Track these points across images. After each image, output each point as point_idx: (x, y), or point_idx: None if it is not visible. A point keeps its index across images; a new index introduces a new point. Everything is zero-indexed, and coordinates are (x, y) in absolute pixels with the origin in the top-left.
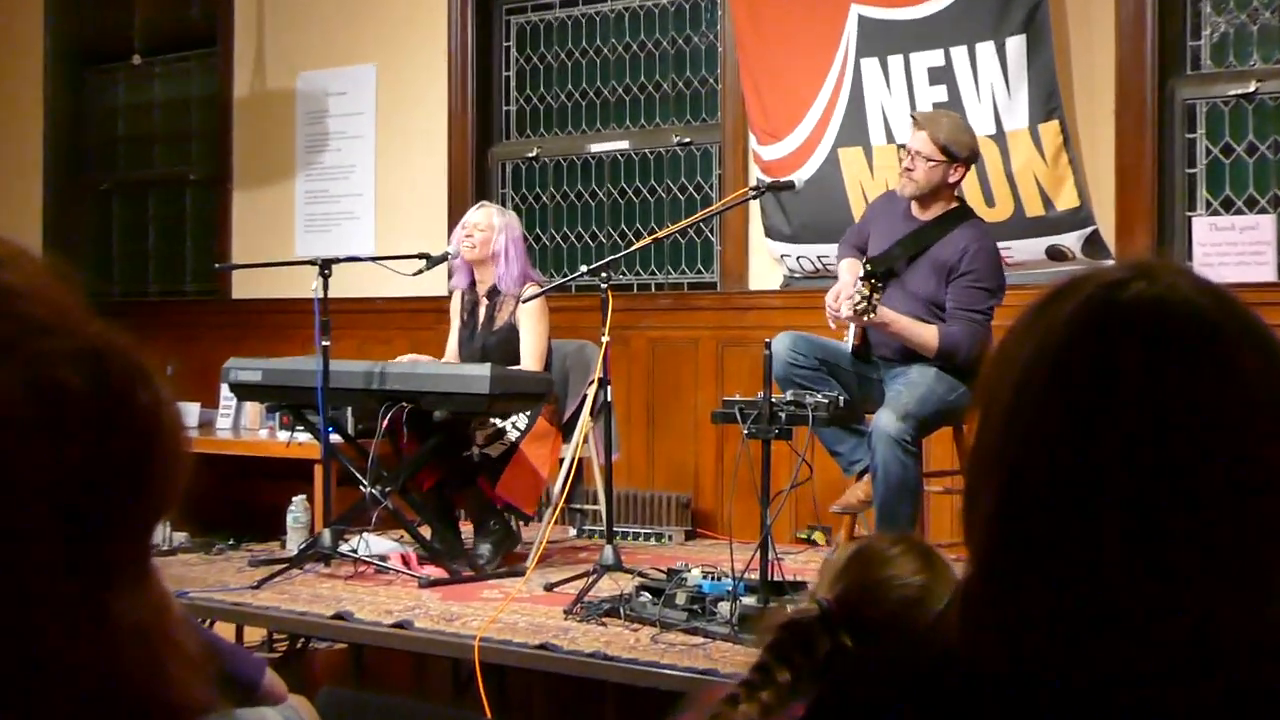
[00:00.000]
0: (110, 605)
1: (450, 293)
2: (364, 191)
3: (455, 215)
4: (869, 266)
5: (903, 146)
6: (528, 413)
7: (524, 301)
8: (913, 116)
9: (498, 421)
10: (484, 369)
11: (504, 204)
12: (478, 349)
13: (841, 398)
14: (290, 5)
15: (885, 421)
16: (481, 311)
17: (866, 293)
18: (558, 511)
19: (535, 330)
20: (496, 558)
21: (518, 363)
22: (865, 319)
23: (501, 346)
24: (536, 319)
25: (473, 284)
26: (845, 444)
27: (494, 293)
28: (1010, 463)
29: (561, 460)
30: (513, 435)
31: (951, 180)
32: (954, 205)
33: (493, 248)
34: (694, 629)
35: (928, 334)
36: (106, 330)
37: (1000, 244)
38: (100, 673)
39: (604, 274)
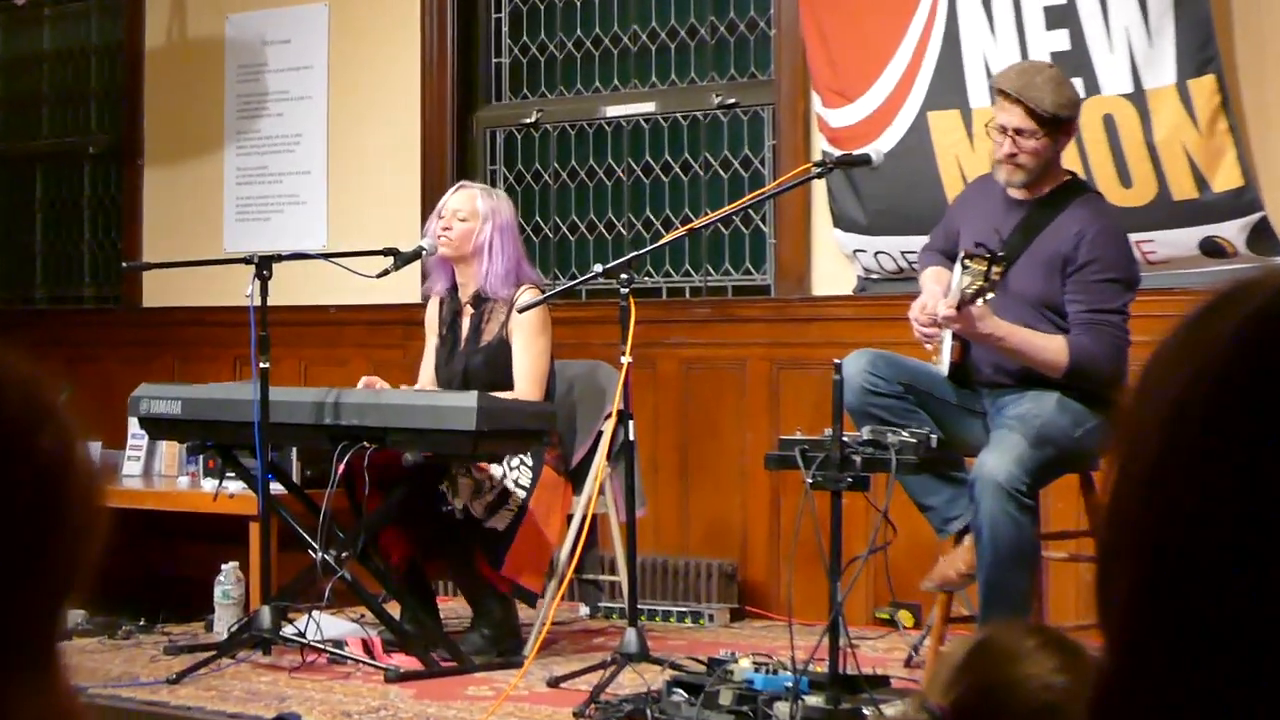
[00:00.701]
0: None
1: (425, 300)
2: (313, 169)
3: (431, 200)
4: (969, 261)
5: (990, 126)
6: (529, 462)
7: (519, 310)
8: (993, 87)
9: (494, 471)
10: (468, 398)
11: (492, 183)
12: (459, 371)
13: (934, 435)
14: None
15: (992, 466)
16: (465, 324)
17: (983, 269)
18: (565, 584)
19: (533, 347)
20: (493, 650)
21: (510, 388)
22: (979, 303)
23: (490, 368)
24: (535, 333)
25: (454, 289)
26: (939, 496)
27: (480, 299)
28: (1158, 523)
29: (570, 518)
30: (519, 496)
31: (1062, 145)
32: (1064, 179)
33: (476, 241)
34: None
35: (1052, 347)
36: None
37: (1140, 235)
38: None
39: (623, 275)
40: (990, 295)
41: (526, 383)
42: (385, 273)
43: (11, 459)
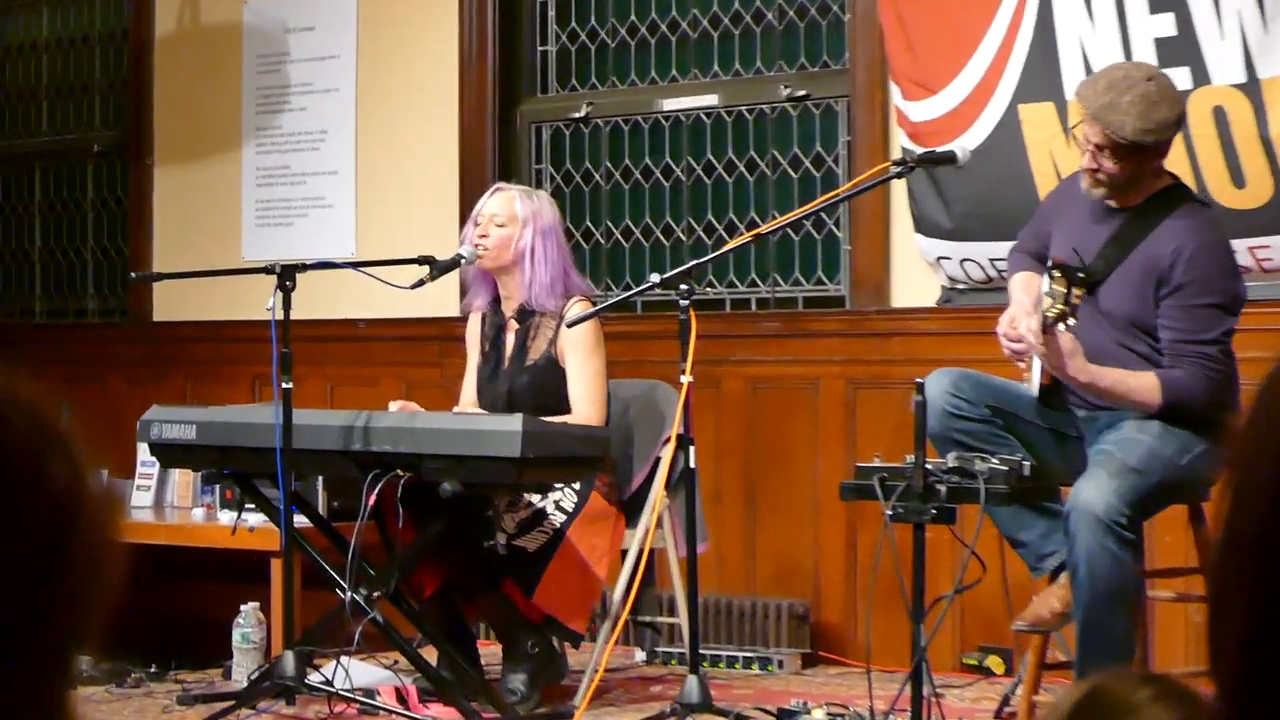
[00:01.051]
0: None
1: (465, 315)
2: (340, 169)
3: (471, 202)
4: (1057, 272)
5: (1074, 131)
6: (575, 485)
7: (568, 325)
8: (1077, 95)
9: (534, 499)
10: (513, 422)
11: (537, 184)
12: (503, 393)
13: (1026, 463)
14: None
15: (1089, 496)
16: (509, 340)
17: (1063, 289)
18: (620, 627)
19: (586, 366)
20: (534, 693)
21: (561, 411)
22: (1064, 333)
23: (537, 389)
24: (588, 350)
25: (497, 302)
26: (1032, 530)
27: (525, 313)
28: (1274, 567)
29: (624, 554)
30: (557, 519)
31: (1157, 164)
32: (1163, 183)
33: (516, 248)
34: None
35: (1145, 386)
36: (2, 375)
37: (1254, 240)
38: None
39: (683, 285)
40: (1072, 321)
41: (587, 404)
42: (420, 283)
43: (17, 490)
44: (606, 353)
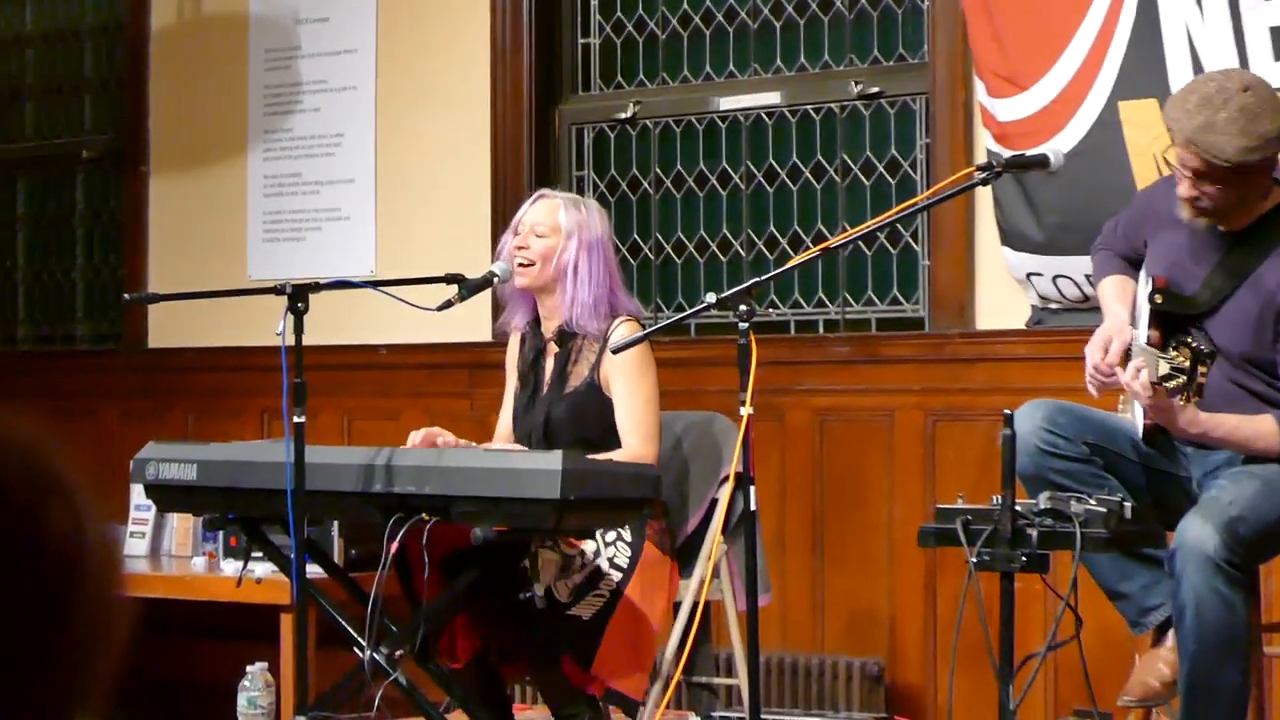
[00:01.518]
0: None
1: (500, 338)
2: (357, 176)
3: (504, 214)
4: (1159, 298)
5: (1168, 157)
6: (627, 537)
7: (612, 351)
8: (1166, 116)
9: (587, 554)
10: (551, 460)
11: (579, 192)
12: (539, 423)
13: (1127, 504)
14: None
15: (1197, 533)
16: (549, 365)
17: (1185, 362)
18: (673, 689)
19: (635, 394)
20: None
21: (605, 445)
22: (1181, 402)
23: (576, 419)
24: (637, 376)
25: (536, 322)
26: (1134, 580)
27: (566, 335)
28: None
29: (677, 606)
30: (614, 578)
31: (1265, 182)
32: (1273, 201)
33: (559, 263)
34: None
35: (1263, 432)
36: None
37: None
38: None
39: (742, 306)
40: (1196, 400)
41: (637, 438)
42: (449, 304)
43: (13, 539)
44: (660, 382)
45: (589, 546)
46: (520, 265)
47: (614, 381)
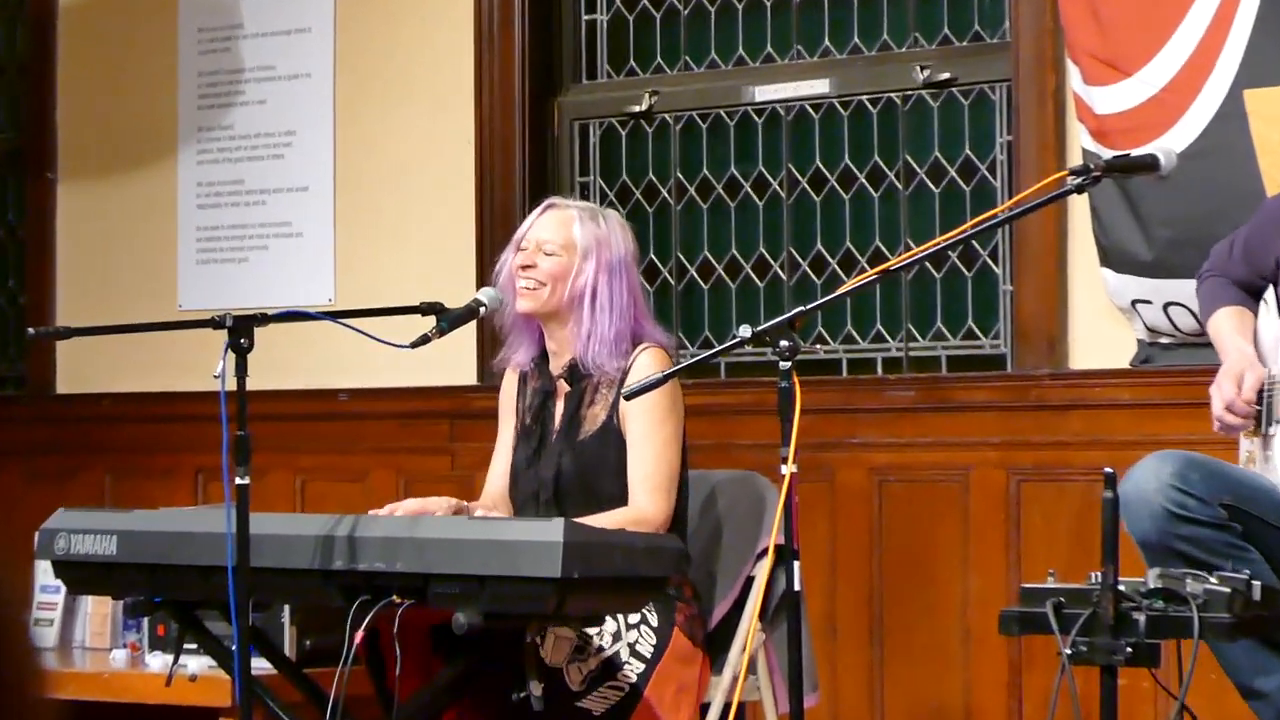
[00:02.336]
0: None
1: (493, 377)
2: (313, 184)
3: (491, 229)
4: None
5: None
6: (651, 619)
7: (627, 396)
8: None
9: (604, 641)
10: (551, 529)
11: (583, 199)
12: (548, 479)
13: (1256, 584)
14: None
15: None
16: (558, 408)
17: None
18: None
19: (652, 438)
20: None
21: (618, 505)
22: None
23: (595, 472)
24: (657, 418)
25: (543, 358)
26: (1273, 676)
27: (578, 374)
28: None
29: (705, 708)
30: (632, 671)
31: None
32: None
33: (574, 288)
34: None
35: None
36: None
37: None
38: None
39: (784, 342)
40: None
41: (644, 491)
42: (425, 340)
43: None
44: (683, 427)
45: (608, 627)
46: (526, 288)
47: (630, 422)
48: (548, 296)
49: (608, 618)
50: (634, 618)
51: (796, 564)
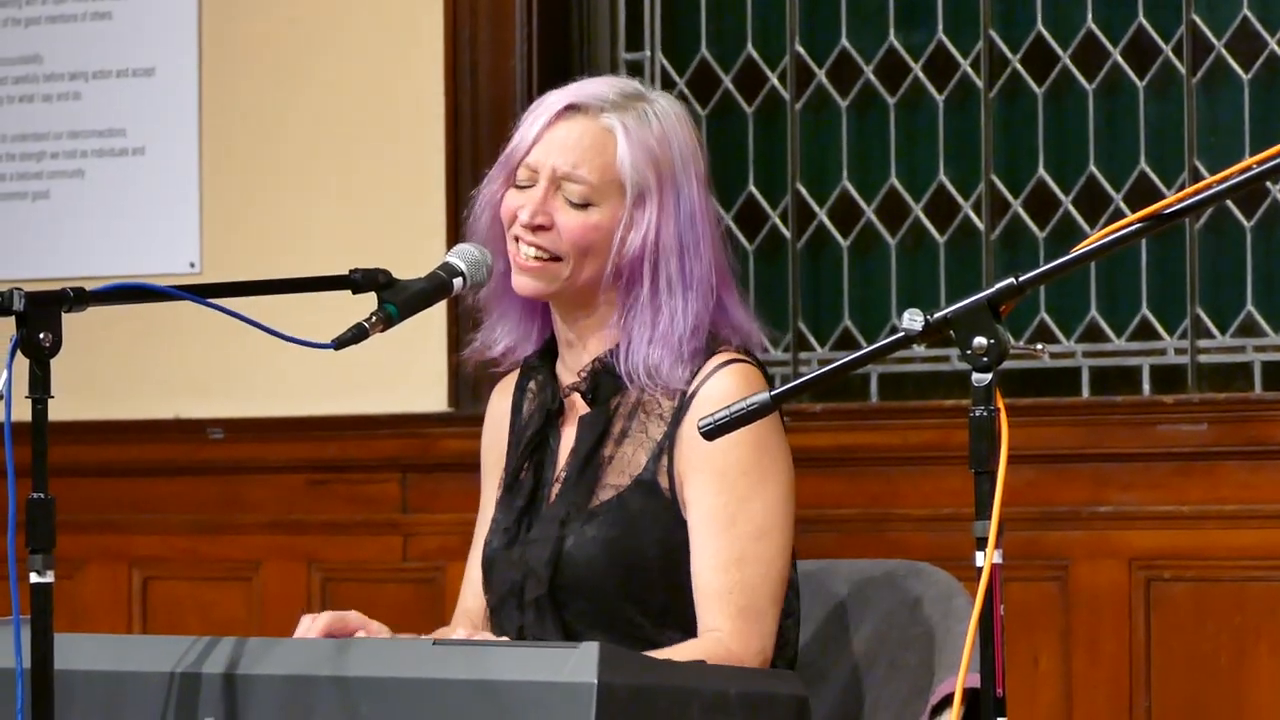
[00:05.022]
0: None
1: (471, 388)
2: (162, 64)
3: (475, 149)
4: None
5: None
6: None
7: (703, 430)
8: None
9: None
10: (575, 662)
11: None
12: (544, 563)
13: None
14: None
15: None
16: (562, 442)
17: None
18: None
19: (754, 529)
20: None
21: (676, 616)
22: None
23: (624, 558)
24: (753, 488)
25: (548, 353)
26: None
27: (607, 384)
28: None
29: None
30: None
31: None
32: None
33: (619, 254)
34: None
35: None
36: None
37: None
38: None
39: (979, 338)
40: None
41: (728, 615)
42: (360, 334)
43: None
44: (793, 491)
45: None
46: (531, 259)
47: (694, 486)
48: (568, 275)
49: None
50: None
51: None
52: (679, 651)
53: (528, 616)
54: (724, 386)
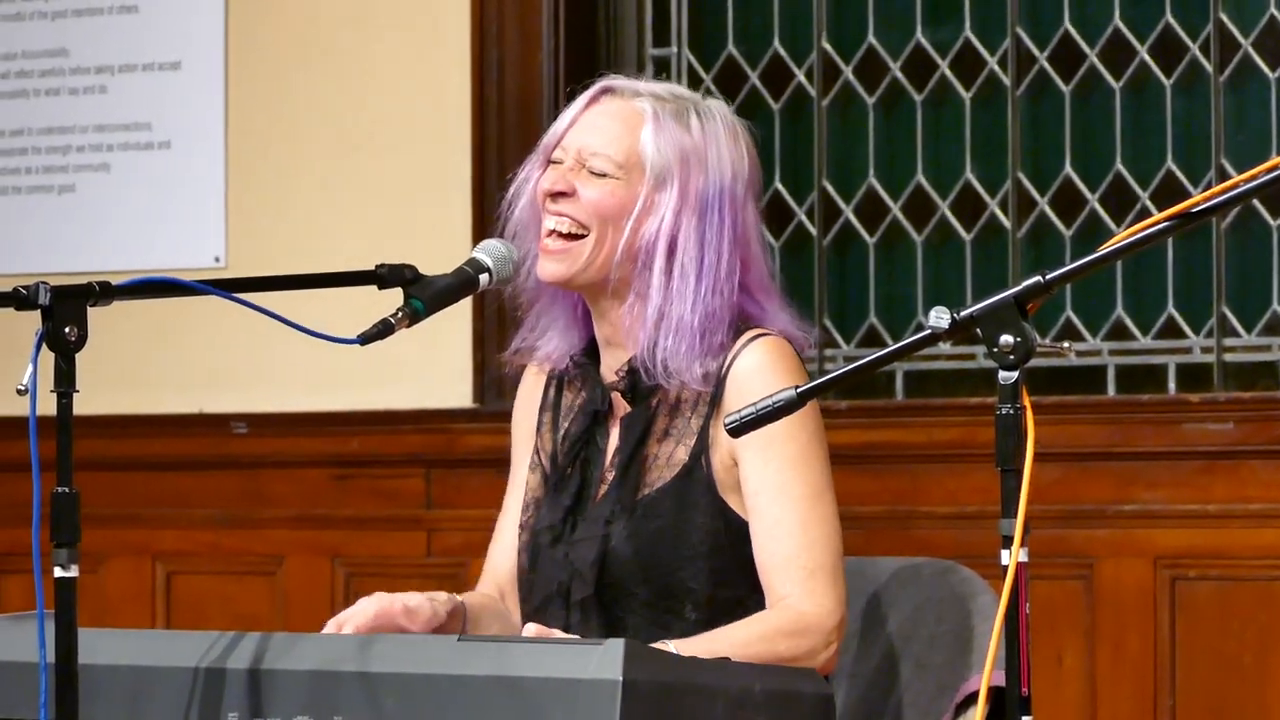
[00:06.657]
0: None
1: (500, 384)
2: (188, 60)
3: (502, 147)
4: None
5: None
6: None
7: (732, 430)
8: None
9: None
10: (601, 658)
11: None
12: (592, 562)
13: None
14: None
15: None
16: (609, 442)
17: None
18: None
19: (810, 495)
20: None
21: (742, 607)
22: None
23: (673, 551)
24: (800, 460)
25: (591, 353)
26: None
27: (644, 383)
28: None
29: None
30: None
31: None
32: None
33: (635, 235)
34: None
35: None
36: None
37: None
38: None
39: (1006, 335)
40: None
41: (798, 580)
42: (385, 330)
43: None
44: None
45: None
46: (554, 234)
47: (744, 462)
48: (589, 253)
49: None
50: None
51: None
52: (748, 625)
53: (574, 617)
54: (757, 358)
